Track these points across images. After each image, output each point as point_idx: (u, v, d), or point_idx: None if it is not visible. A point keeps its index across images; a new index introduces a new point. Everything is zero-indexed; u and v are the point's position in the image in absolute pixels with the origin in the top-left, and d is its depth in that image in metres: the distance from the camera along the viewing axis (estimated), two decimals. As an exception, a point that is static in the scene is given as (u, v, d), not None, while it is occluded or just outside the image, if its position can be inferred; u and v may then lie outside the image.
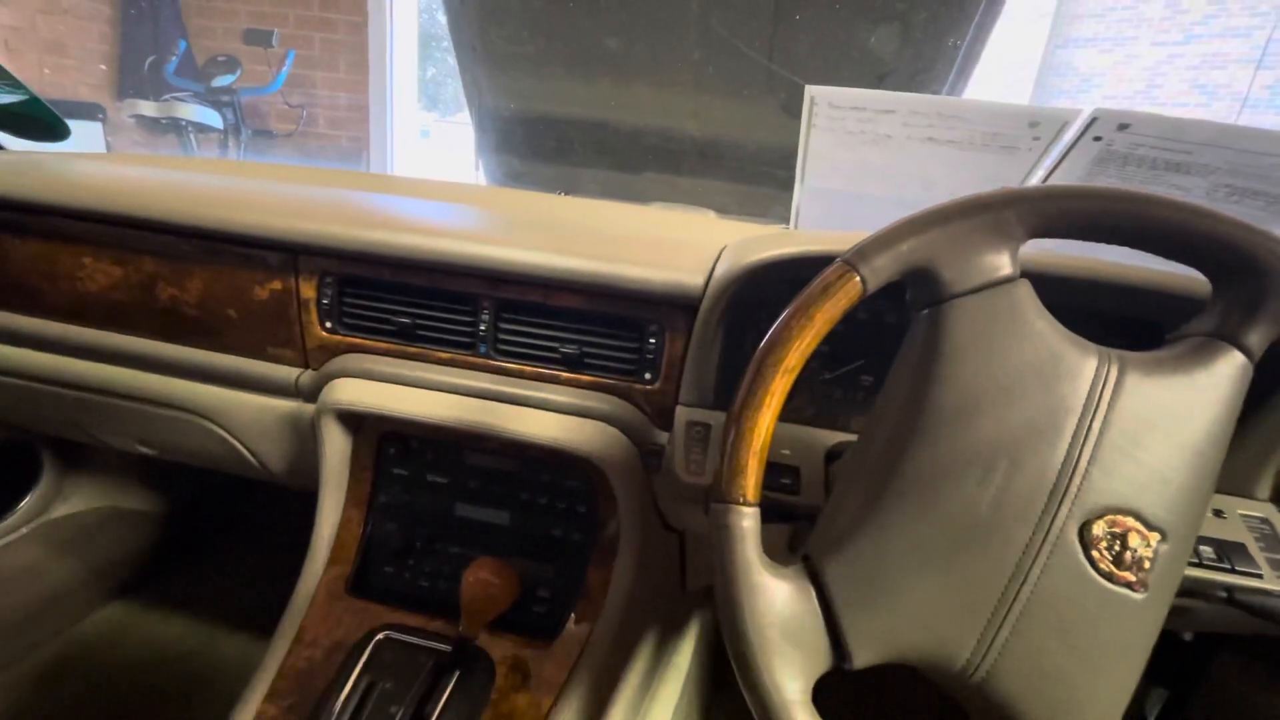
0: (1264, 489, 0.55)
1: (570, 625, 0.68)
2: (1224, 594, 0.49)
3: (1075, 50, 6.28)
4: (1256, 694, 0.85)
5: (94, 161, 0.92)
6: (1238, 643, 0.91)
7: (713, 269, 0.60)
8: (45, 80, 3.24)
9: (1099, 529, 0.36)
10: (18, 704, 0.97)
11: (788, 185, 0.79)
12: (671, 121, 1.30)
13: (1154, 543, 0.36)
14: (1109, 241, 0.40)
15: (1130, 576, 0.36)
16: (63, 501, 1.12)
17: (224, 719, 0.63)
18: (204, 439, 0.77)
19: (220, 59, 3.49)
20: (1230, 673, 0.90)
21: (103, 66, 3.47)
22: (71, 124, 0.89)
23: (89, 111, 3.33)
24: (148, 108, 3.34)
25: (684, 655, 0.82)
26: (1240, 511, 0.53)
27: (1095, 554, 0.36)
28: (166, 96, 3.36)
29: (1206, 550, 0.50)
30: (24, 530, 1.06)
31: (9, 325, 0.78)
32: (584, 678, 0.65)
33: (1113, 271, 0.51)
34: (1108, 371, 0.37)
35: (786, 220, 0.81)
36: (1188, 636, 0.77)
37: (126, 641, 1.10)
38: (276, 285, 0.69)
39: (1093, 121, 0.57)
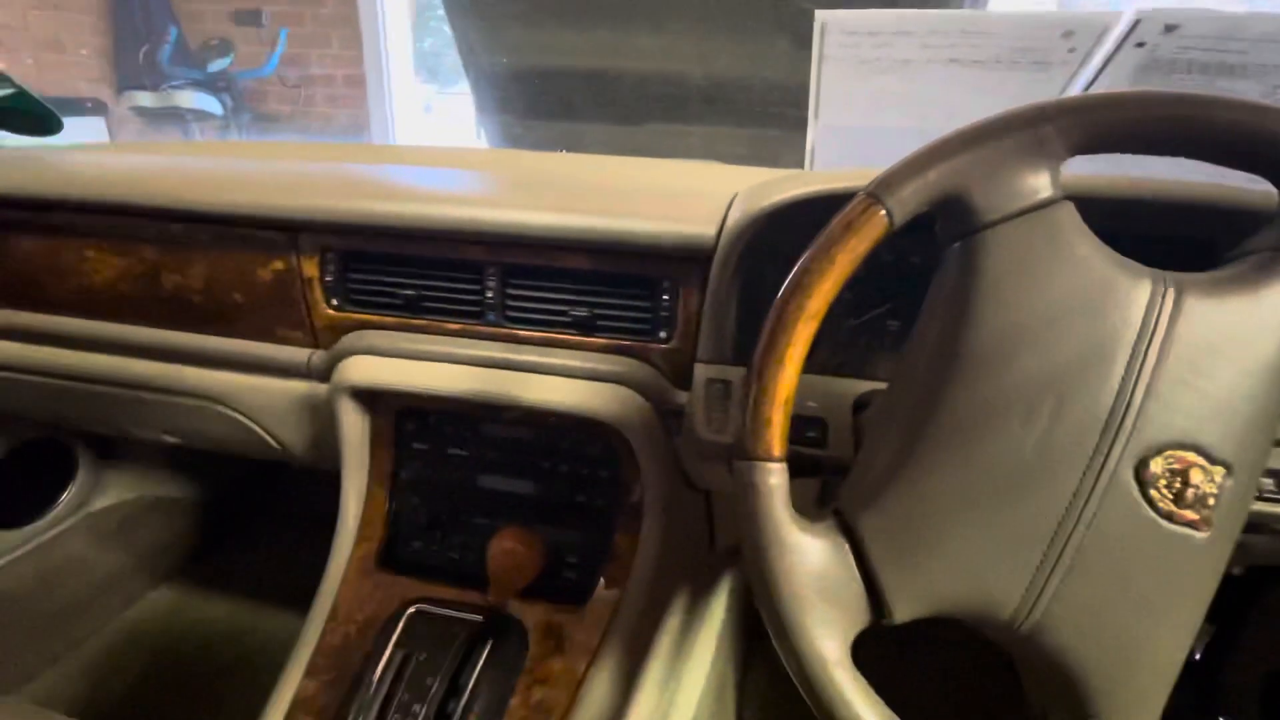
0: None
1: (600, 589, 0.67)
2: None
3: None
4: None
5: (88, 153, 0.91)
6: None
7: (725, 218, 0.57)
8: (44, 79, 3.22)
9: (1157, 466, 0.33)
10: (77, 691, 1.01)
11: (801, 126, 0.74)
12: (675, 66, 1.22)
13: (1218, 478, 0.34)
14: (1162, 153, 0.36)
15: (1192, 515, 0.33)
16: (101, 494, 1.15)
17: (269, 695, 0.64)
18: (225, 425, 0.77)
19: (213, 43, 3.42)
20: None
21: (99, 59, 3.44)
22: (75, 120, 0.87)
23: (91, 107, 3.31)
24: (146, 98, 3.30)
25: (717, 613, 0.82)
26: None
27: (1154, 493, 0.33)
28: (164, 86, 3.32)
29: (1267, 483, 0.47)
30: (68, 523, 1.09)
31: (23, 323, 0.78)
32: (617, 639, 0.65)
33: (1164, 189, 0.47)
34: (1164, 295, 0.34)
35: (801, 166, 0.76)
36: (1237, 571, 0.74)
37: (176, 625, 1.13)
38: (279, 265, 0.68)
39: (1135, 25, 0.52)
